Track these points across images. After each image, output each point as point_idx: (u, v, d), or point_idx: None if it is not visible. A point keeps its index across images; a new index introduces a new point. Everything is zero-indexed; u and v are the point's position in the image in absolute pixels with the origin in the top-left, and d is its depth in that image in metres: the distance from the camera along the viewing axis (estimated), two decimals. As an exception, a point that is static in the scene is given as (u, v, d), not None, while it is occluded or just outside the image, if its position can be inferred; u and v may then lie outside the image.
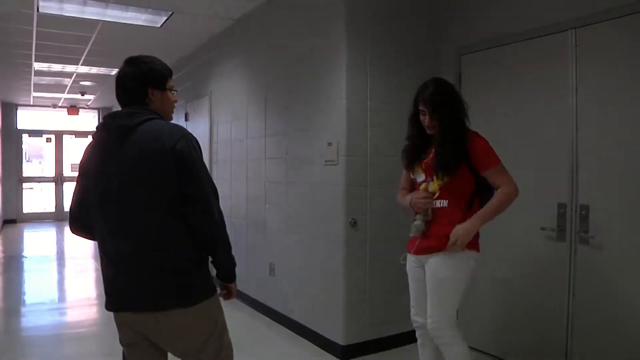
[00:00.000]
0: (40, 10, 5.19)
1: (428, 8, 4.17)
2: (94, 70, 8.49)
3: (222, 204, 2.03)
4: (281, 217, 4.69)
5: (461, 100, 2.75)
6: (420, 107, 2.75)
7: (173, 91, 2.19)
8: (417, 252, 2.80)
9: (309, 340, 4.20)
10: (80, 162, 2.13)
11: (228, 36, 5.87)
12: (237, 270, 2.14)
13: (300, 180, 4.40)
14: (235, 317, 4.91)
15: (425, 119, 2.73)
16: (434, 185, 2.72)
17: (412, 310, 2.91)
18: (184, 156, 1.91)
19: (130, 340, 2.07)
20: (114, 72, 8.47)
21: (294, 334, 4.40)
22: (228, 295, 2.20)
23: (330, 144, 3.92)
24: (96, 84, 9.84)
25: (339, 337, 3.86)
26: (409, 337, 4.05)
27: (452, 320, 2.69)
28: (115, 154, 1.95)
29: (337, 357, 3.87)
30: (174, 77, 2.21)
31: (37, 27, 5.79)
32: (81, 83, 9.77)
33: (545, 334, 3.39)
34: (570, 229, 3.24)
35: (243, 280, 5.46)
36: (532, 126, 3.51)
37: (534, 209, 3.43)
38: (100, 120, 2.02)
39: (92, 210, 2.04)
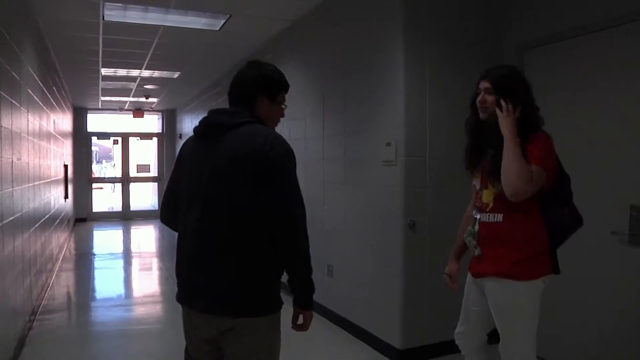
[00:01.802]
0: (105, 18, 5.40)
1: (489, 1, 4.04)
2: (157, 74, 8.76)
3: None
4: (339, 218, 4.67)
5: (531, 96, 2.34)
6: (483, 85, 2.35)
7: (283, 105, 2.15)
8: (472, 273, 2.53)
9: (366, 343, 4.16)
10: (179, 153, 2.14)
11: (285, 37, 5.90)
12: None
13: (358, 181, 4.36)
14: (294, 317, 4.93)
15: (483, 97, 2.35)
16: (487, 195, 2.38)
17: (457, 327, 2.66)
18: (277, 164, 1.87)
19: (190, 339, 2.09)
20: (176, 75, 8.75)
21: (351, 336, 4.36)
22: (300, 326, 2.01)
23: (388, 144, 3.86)
24: (159, 87, 10.15)
25: (396, 340, 3.80)
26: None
27: (529, 353, 2.32)
28: (210, 151, 1.94)
29: (395, 361, 3.82)
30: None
31: (103, 34, 6.02)
32: (145, 87, 10.11)
33: (619, 345, 3.20)
34: (646, 233, 3.04)
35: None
36: (602, 123, 3.31)
37: (604, 211, 3.24)
38: (205, 115, 2.06)
39: (180, 203, 2.04)
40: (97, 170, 22.95)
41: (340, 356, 4.09)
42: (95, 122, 14.23)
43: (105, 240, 11.36)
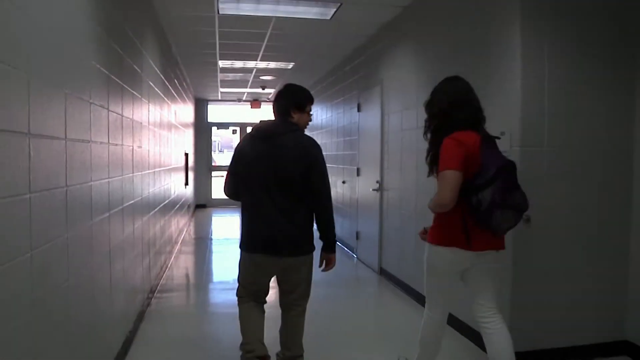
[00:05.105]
0: (220, 12, 5.59)
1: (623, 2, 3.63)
2: (272, 65, 8.97)
3: (392, 195, 2.14)
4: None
5: (443, 99, 2.87)
6: None
7: (310, 113, 3.26)
8: None
9: (470, 341, 3.97)
10: (237, 150, 3.18)
11: (397, 24, 5.76)
12: (407, 264, 2.16)
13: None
14: (403, 311, 4.86)
15: None
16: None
17: None
18: (316, 159, 3.00)
19: (250, 276, 3.18)
20: (291, 65, 8.91)
21: (458, 334, 4.18)
22: (328, 263, 3.17)
23: (502, 133, 3.61)
24: (275, 78, 10.38)
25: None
26: (576, 351, 3.64)
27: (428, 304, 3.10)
28: (273, 149, 2.98)
29: None
30: (348, 66, 2.36)
31: (219, 27, 6.26)
32: (261, 78, 10.41)
33: None
34: None
35: (411, 275, 5.20)
36: None
37: None
38: (257, 125, 3.14)
39: (245, 185, 3.07)
40: (218, 159, 24.11)
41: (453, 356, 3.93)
42: (215, 112, 14.94)
43: (223, 226, 11.92)
